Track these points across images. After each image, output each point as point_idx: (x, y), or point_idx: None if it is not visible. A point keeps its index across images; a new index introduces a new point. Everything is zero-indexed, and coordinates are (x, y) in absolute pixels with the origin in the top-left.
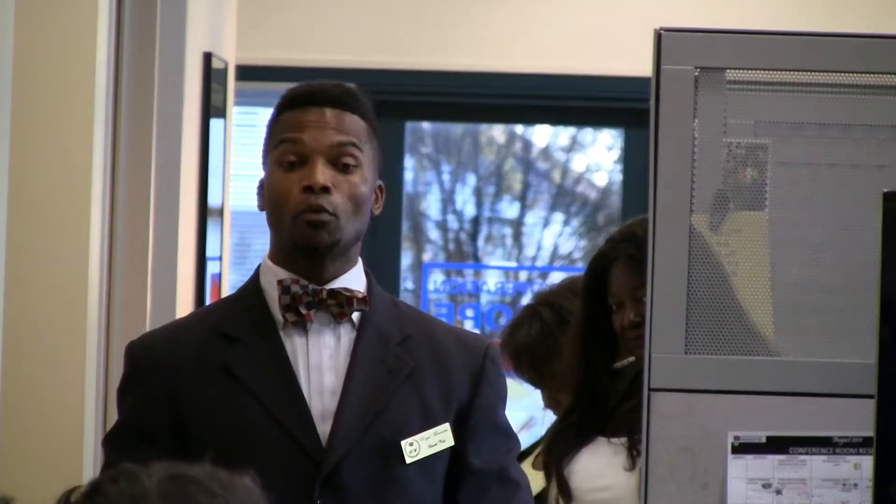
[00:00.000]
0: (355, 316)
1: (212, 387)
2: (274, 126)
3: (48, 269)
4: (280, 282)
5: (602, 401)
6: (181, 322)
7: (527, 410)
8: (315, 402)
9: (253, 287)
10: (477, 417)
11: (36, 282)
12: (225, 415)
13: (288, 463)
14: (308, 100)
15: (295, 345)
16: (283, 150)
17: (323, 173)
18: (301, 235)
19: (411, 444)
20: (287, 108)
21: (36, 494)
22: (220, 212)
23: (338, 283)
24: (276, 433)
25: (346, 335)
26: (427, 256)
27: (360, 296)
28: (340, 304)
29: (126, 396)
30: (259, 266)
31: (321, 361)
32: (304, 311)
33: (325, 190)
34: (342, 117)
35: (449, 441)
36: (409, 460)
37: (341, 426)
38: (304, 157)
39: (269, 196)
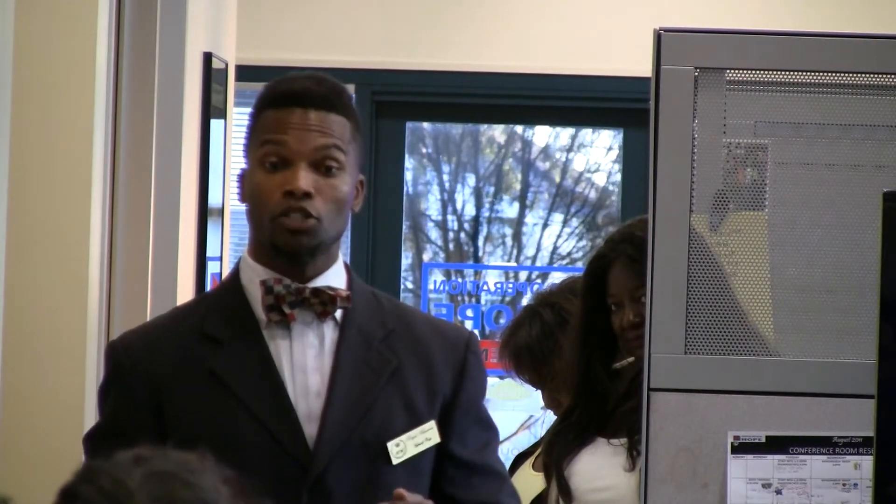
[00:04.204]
0: (338, 314)
1: (195, 389)
2: (257, 123)
3: (48, 269)
4: (263, 282)
5: (602, 401)
6: (161, 321)
7: (527, 410)
8: (300, 404)
9: (233, 285)
10: (461, 411)
11: (36, 282)
12: (209, 418)
13: (275, 467)
14: (293, 100)
15: (278, 345)
16: (266, 150)
17: (305, 178)
18: (281, 240)
19: (398, 445)
20: (271, 106)
21: (36, 494)
22: (220, 212)
23: (320, 282)
24: (262, 437)
25: (330, 334)
26: (427, 256)
27: (343, 294)
28: (324, 303)
29: (108, 398)
30: (238, 263)
31: (305, 362)
32: (287, 310)
33: (307, 195)
34: (327, 119)
35: (435, 438)
36: (395, 461)
37: (327, 429)
38: (286, 160)
39: (251, 195)
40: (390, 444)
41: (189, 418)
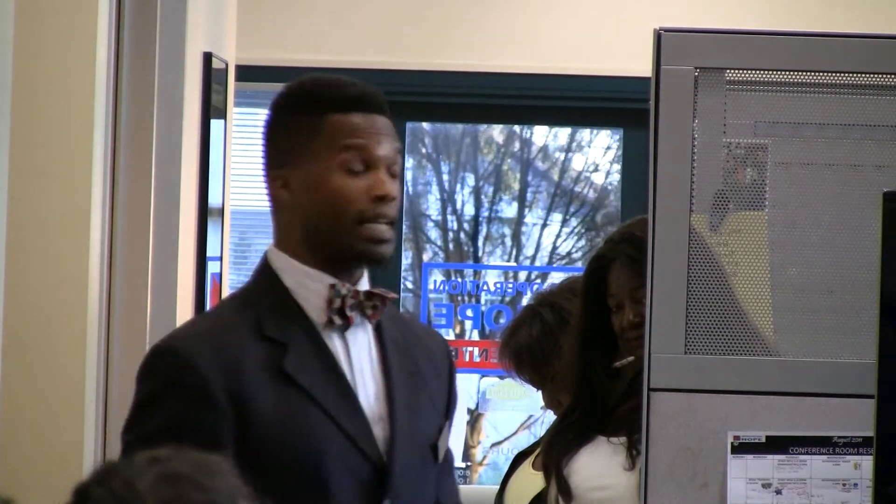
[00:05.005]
0: None
1: (274, 394)
2: (324, 125)
3: (48, 269)
4: (332, 285)
5: (602, 401)
6: (212, 323)
7: (527, 410)
8: (365, 406)
9: (278, 287)
10: (450, 412)
11: (36, 282)
12: (289, 421)
13: (353, 470)
14: (361, 104)
15: (336, 347)
16: (349, 156)
17: (390, 184)
18: (364, 247)
19: (440, 445)
20: (341, 110)
21: (36, 494)
22: (220, 212)
23: (363, 285)
24: (339, 440)
25: (371, 337)
26: (427, 256)
27: (391, 296)
28: (374, 306)
29: (175, 403)
30: (271, 265)
31: (362, 364)
32: (349, 313)
33: (393, 200)
34: (388, 124)
35: (448, 438)
36: (439, 460)
37: (399, 432)
38: (368, 165)
39: (327, 199)
40: (440, 444)
41: (268, 421)
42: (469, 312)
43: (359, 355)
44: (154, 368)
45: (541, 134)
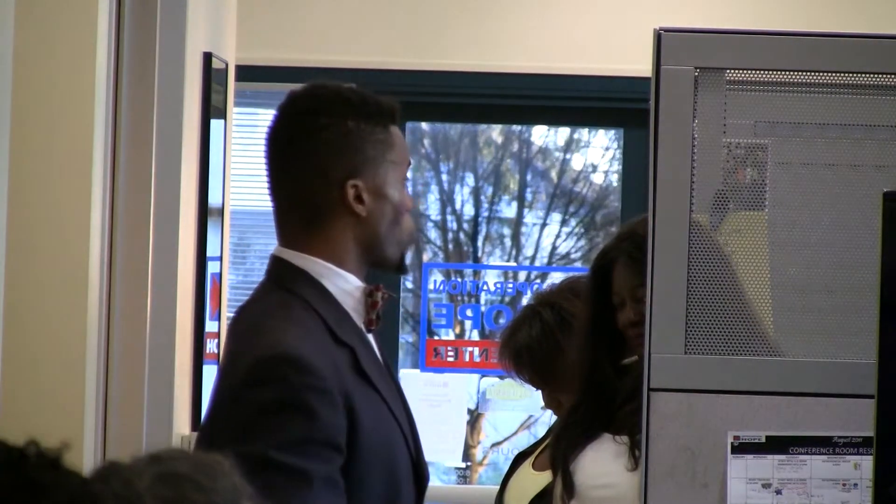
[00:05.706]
0: None
1: (366, 396)
2: (392, 138)
3: (48, 269)
4: (378, 288)
5: (608, 398)
6: (304, 327)
7: (527, 410)
8: None
9: (321, 290)
10: None
11: (36, 282)
12: (377, 422)
13: (408, 473)
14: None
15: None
16: (407, 170)
17: None
18: (405, 254)
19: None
20: (395, 123)
21: None
22: (220, 212)
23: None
24: (403, 444)
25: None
26: (427, 256)
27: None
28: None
29: (311, 407)
30: (304, 267)
31: (382, 363)
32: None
33: None
34: None
35: None
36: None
37: (416, 428)
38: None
39: (397, 210)
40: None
41: (370, 424)
42: (469, 312)
43: (381, 355)
44: (274, 375)
45: (540, 134)
